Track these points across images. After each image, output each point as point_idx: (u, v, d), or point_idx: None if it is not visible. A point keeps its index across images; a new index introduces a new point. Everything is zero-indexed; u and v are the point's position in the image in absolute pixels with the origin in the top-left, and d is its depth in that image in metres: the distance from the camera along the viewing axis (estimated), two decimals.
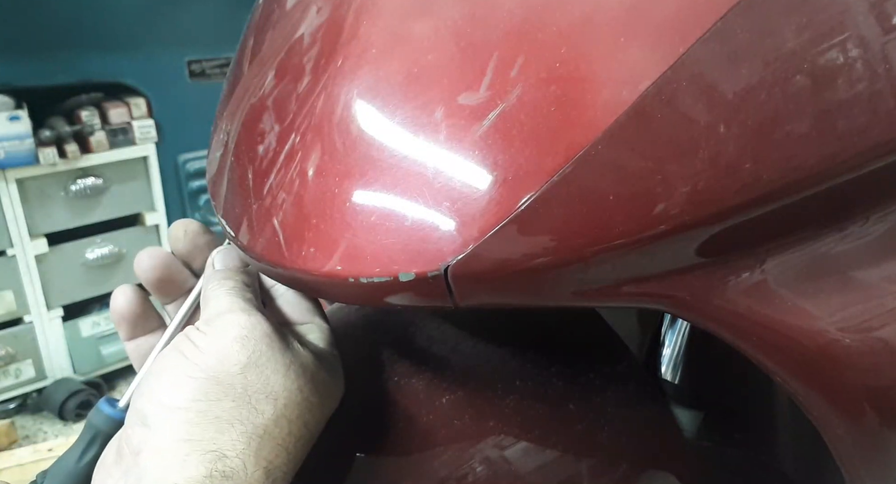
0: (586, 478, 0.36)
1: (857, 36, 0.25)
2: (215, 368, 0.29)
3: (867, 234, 0.29)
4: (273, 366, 0.30)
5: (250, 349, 0.30)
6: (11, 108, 1.58)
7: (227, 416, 0.28)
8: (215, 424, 0.28)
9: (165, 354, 0.31)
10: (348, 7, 0.31)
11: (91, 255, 1.80)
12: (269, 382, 0.30)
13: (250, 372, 0.29)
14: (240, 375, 0.29)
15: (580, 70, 0.25)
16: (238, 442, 0.28)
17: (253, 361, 0.30)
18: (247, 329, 0.31)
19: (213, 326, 0.31)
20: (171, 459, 0.27)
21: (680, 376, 0.45)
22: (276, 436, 0.29)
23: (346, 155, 0.28)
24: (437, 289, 0.25)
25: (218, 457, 0.27)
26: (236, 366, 0.29)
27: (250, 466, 0.27)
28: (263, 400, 0.29)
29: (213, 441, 0.27)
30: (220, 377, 0.29)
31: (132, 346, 0.37)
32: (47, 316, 1.78)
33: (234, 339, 0.30)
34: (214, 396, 0.29)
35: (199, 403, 0.28)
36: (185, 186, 1.96)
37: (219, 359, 0.30)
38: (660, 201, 0.24)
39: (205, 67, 1.94)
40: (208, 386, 0.29)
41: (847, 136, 0.25)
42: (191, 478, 0.26)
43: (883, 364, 0.30)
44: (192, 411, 0.28)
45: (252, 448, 0.28)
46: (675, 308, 0.28)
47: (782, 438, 0.44)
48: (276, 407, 0.29)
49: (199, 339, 0.31)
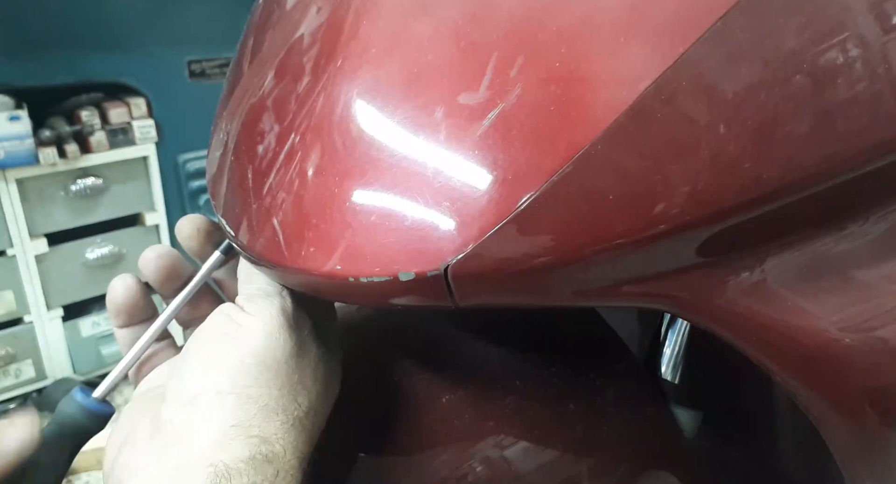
0: (586, 478, 0.36)
1: (857, 36, 0.25)
2: (263, 353, 0.29)
3: (867, 233, 0.29)
4: (310, 357, 0.31)
5: (296, 337, 0.30)
6: (11, 108, 1.58)
7: (274, 403, 0.29)
8: (263, 412, 0.28)
9: (207, 333, 0.31)
10: (348, 7, 0.31)
11: (91, 255, 1.80)
12: (306, 373, 0.30)
13: (293, 360, 0.30)
14: (285, 363, 0.30)
15: (580, 70, 0.25)
16: (280, 429, 0.28)
17: (297, 350, 0.30)
18: (293, 317, 0.31)
19: (258, 307, 0.31)
20: (218, 439, 0.27)
21: (680, 376, 0.45)
22: (307, 426, 0.30)
23: (345, 155, 0.28)
24: (437, 289, 0.25)
25: (261, 441, 0.27)
26: (283, 353, 0.30)
27: (289, 454, 0.28)
28: (301, 391, 0.30)
29: (259, 427, 0.28)
30: (268, 362, 0.29)
31: (124, 332, 0.37)
32: (47, 316, 1.78)
33: (282, 325, 0.30)
34: (263, 383, 0.29)
35: (249, 389, 0.28)
36: (185, 186, 1.96)
37: (266, 343, 0.30)
38: (660, 201, 0.24)
39: (205, 67, 1.94)
40: (258, 372, 0.29)
41: (847, 136, 0.25)
42: (235, 457, 0.27)
43: (883, 364, 0.30)
44: (242, 397, 0.28)
45: (291, 437, 0.28)
46: (675, 308, 0.28)
47: (782, 438, 0.44)
48: (309, 399, 0.30)
49: (244, 320, 0.30)
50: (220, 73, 1.95)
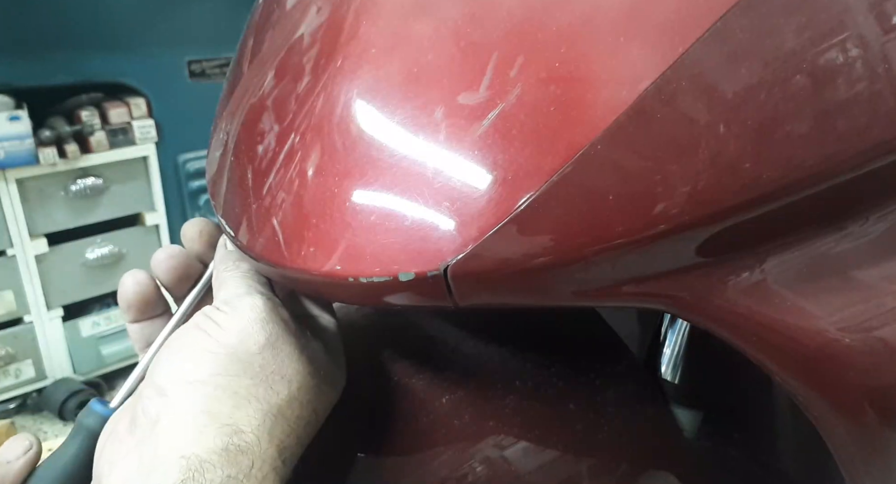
0: (586, 478, 0.36)
1: (857, 36, 0.25)
2: (235, 345, 0.30)
3: (867, 234, 0.29)
4: (288, 349, 0.31)
5: (269, 331, 0.31)
6: (11, 108, 1.58)
7: (245, 392, 0.29)
8: (233, 399, 0.29)
9: (185, 330, 0.32)
10: (348, 7, 0.31)
11: (91, 255, 1.80)
12: (284, 364, 0.30)
13: (267, 352, 0.30)
14: (258, 355, 0.30)
15: (580, 70, 0.25)
16: (254, 418, 0.28)
17: (271, 342, 0.31)
18: (266, 312, 0.32)
19: (232, 306, 0.32)
20: (190, 430, 0.27)
21: (680, 376, 0.45)
22: (289, 416, 0.30)
23: (345, 155, 0.28)
24: (437, 289, 0.25)
25: (234, 431, 0.28)
26: (255, 345, 0.30)
27: (264, 443, 0.28)
28: (279, 380, 0.30)
29: (229, 416, 0.28)
30: (239, 355, 0.30)
31: (136, 328, 0.37)
32: (47, 316, 1.78)
33: (254, 319, 0.31)
34: (234, 372, 0.29)
35: (219, 378, 0.29)
36: (185, 186, 1.96)
37: (239, 337, 0.30)
38: (660, 201, 0.24)
39: (205, 67, 1.94)
40: (228, 362, 0.30)
41: (847, 136, 0.25)
42: (208, 449, 0.27)
43: (883, 364, 0.30)
44: (210, 385, 0.29)
45: (266, 425, 0.29)
46: (675, 308, 0.28)
47: (782, 438, 0.44)
48: (289, 389, 0.30)
49: (219, 317, 0.31)
50: (220, 73, 1.95)
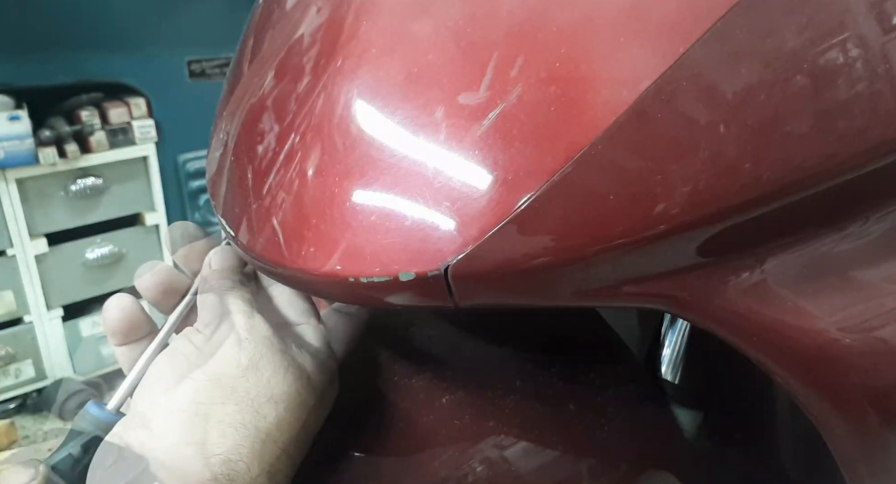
0: (586, 478, 0.36)
1: (857, 36, 0.25)
2: (215, 370, 0.29)
3: (867, 234, 0.29)
4: (273, 368, 0.30)
5: (250, 351, 0.30)
6: (11, 108, 1.58)
7: (230, 419, 0.28)
8: (218, 428, 0.28)
9: (165, 356, 0.31)
10: (348, 7, 0.31)
11: (91, 255, 1.80)
12: (270, 385, 0.29)
13: (251, 374, 0.29)
14: (241, 378, 0.29)
15: (580, 70, 0.25)
16: (242, 446, 0.28)
17: (253, 363, 0.30)
18: (246, 331, 0.31)
19: (211, 328, 0.31)
20: (174, 461, 0.27)
21: (680, 376, 0.45)
22: (278, 439, 0.29)
23: (345, 155, 0.28)
24: (437, 289, 0.25)
25: (222, 461, 0.27)
26: (238, 368, 0.29)
27: (254, 470, 0.27)
28: (265, 403, 0.29)
29: (217, 445, 0.27)
30: (221, 380, 0.29)
31: (123, 350, 0.36)
32: (47, 316, 1.78)
33: (234, 341, 0.30)
34: (218, 400, 0.28)
35: (202, 406, 0.28)
36: (185, 186, 1.96)
37: (220, 362, 0.30)
38: (660, 201, 0.24)
39: (205, 67, 1.94)
40: (211, 389, 0.29)
41: (847, 136, 0.25)
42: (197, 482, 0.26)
43: (883, 364, 0.30)
44: (193, 414, 0.28)
45: (256, 452, 0.28)
46: (675, 308, 0.28)
47: (782, 438, 0.44)
48: (277, 411, 0.29)
49: (198, 340, 0.31)
50: (220, 73, 1.95)
